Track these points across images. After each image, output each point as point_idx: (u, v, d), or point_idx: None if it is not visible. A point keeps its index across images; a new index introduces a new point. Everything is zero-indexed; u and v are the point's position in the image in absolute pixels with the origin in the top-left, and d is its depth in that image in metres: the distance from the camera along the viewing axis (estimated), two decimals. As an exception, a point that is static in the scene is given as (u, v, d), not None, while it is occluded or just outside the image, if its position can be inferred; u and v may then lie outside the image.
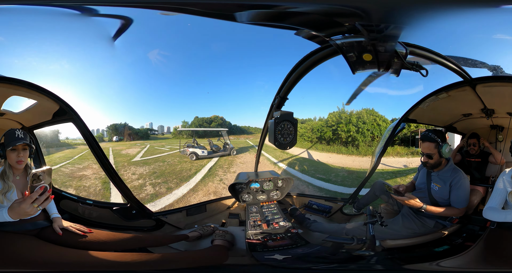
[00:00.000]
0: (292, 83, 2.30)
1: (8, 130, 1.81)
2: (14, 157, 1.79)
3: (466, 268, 1.85)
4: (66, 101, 2.20)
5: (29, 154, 1.85)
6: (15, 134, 1.80)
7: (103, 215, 2.51)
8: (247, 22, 1.95)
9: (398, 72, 2.04)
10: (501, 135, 2.44)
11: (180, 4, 1.90)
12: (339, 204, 2.82)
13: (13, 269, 1.66)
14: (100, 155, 2.40)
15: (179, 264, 1.88)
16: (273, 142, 2.22)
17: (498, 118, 2.37)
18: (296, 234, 2.20)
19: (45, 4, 1.90)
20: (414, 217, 2.22)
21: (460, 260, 1.89)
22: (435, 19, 1.82)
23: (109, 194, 2.80)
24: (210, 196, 3.19)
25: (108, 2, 2.00)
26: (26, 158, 1.84)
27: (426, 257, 2.02)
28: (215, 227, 2.40)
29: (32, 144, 1.84)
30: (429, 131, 2.15)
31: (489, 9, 1.83)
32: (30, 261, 1.67)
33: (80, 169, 2.87)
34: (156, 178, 3.26)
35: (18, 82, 2.03)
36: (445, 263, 1.90)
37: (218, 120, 3.53)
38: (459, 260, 1.89)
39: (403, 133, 2.82)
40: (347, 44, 1.92)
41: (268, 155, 3.45)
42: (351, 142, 3.23)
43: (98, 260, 1.77)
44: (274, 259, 1.93)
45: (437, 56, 2.03)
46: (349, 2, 1.78)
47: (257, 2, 1.84)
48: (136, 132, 3.39)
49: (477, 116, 2.41)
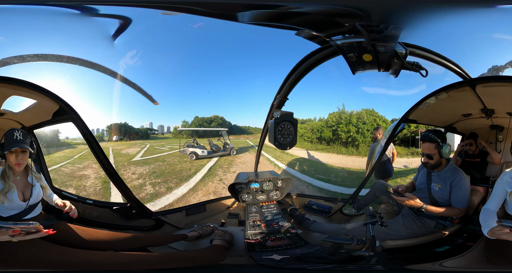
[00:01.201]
0: (292, 83, 2.30)
1: (8, 130, 1.80)
2: (13, 159, 1.78)
3: (467, 268, 1.85)
4: (66, 101, 2.20)
5: (29, 155, 1.83)
6: (13, 136, 1.76)
7: (103, 214, 2.51)
8: (248, 22, 1.95)
9: (398, 73, 2.04)
10: (501, 135, 2.44)
11: (183, 3, 1.90)
12: (339, 204, 2.82)
13: (14, 268, 1.66)
14: (100, 155, 2.40)
15: (178, 264, 1.89)
16: (273, 142, 2.22)
17: (498, 118, 2.36)
18: (296, 235, 2.20)
19: (45, 4, 1.90)
20: (415, 217, 2.21)
21: (461, 260, 1.89)
22: (435, 19, 1.82)
23: (109, 194, 2.80)
24: (210, 196, 3.19)
25: (110, 2, 2.00)
26: (25, 160, 1.82)
27: (427, 258, 2.02)
28: (214, 227, 2.40)
29: (30, 148, 1.80)
30: (429, 131, 2.15)
31: (489, 9, 1.83)
32: (30, 261, 1.67)
33: (80, 169, 2.87)
34: (156, 178, 3.26)
35: (18, 82, 2.04)
36: (446, 264, 1.90)
37: (218, 120, 3.53)
38: (460, 261, 1.89)
39: (403, 134, 2.82)
40: (347, 45, 1.93)
41: (268, 155, 3.45)
42: (351, 143, 3.23)
43: (98, 260, 1.77)
44: (272, 259, 1.93)
45: (437, 56, 2.03)
46: (350, 2, 1.78)
47: (259, 2, 1.84)
48: (136, 132, 3.39)
49: (477, 116, 2.41)
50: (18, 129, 1.81)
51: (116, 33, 2.13)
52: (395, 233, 2.21)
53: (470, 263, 1.86)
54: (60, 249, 1.77)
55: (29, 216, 1.84)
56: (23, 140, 1.78)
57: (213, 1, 1.86)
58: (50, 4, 1.90)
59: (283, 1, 1.83)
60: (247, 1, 1.86)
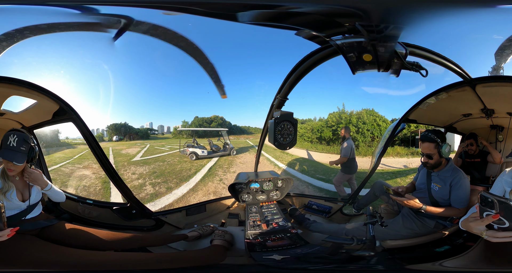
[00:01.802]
0: (292, 83, 2.30)
1: (7, 131, 1.76)
2: (5, 165, 1.71)
3: (467, 268, 1.84)
4: (66, 101, 2.20)
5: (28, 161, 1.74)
6: (7, 141, 1.65)
7: (103, 214, 2.51)
8: (248, 22, 1.95)
9: (398, 73, 2.04)
10: (501, 135, 2.44)
11: (183, 4, 1.90)
12: (339, 204, 2.82)
13: (13, 268, 1.65)
14: (100, 155, 2.40)
15: (178, 264, 1.89)
16: (273, 142, 2.22)
17: (498, 118, 2.37)
18: (296, 235, 2.20)
19: (46, 4, 1.90)
20: (415, 217, 2.21)
21: (461, 260, 1.88)
22: (435, 19, 1.82)
23: (109, 194, 2.80)
24: (210, 196, 3.19)
25: (110, 2, 2.00)
26: (18, 168, 1.72)
27: (427, 258, 2.01)
28: (214, 227, 2.40)
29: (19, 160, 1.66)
30: (429, 131, 2.15)
31: (488, 9, 1.83)
32: (30, 261, 1.67)
33: (80, 169, 2.87)
34: (156, 178, 3.26)
35: (18, 82, 2.03)
36: (446, 263, 1.89)
37: (218, 120, 3.53)
38: (460, 260, 1.88)
39: (403, 134, 2.82)
40: (347, 45, 1.92)
41: (268, 155, 3.45)
42: (351, 142, 3.24)
43: (98, 260, 1.77)
44: (272, 259, 1.93)
45: (437, 56, 2.03)
46: (349, 2, 1.78)
47: (259, 2, 1.84)
48: (136, 132, 3.39)
49: (477, 116, 2.41)
50: (16, 133, 1.72)
51: (117, 33, 2.13)
52: (395, 233, 2.21)
53: (470, 263, 1.85)
54: (59, 249, 1.76)
55: (28, 216, 1.84)
56: (17, 147, 1.67)
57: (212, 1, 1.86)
58: (50, 4, 1.90)
59: (284, 1, 1.83)
60: (246, 1, 1.86)
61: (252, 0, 1.85)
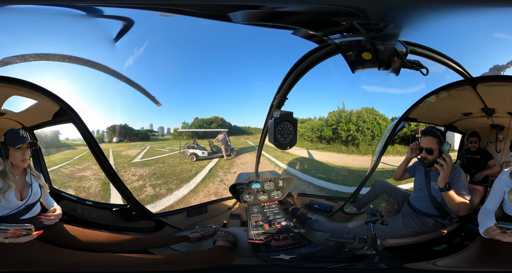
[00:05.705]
0: (292, 82, 2.30)
1: (8, 129, 1.80)
2: (19, 155, 1.78)
3: (463, 267, 1.84)
4: (66, 102, 2.20)
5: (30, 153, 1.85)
6: (19, 133, 1.80)
7: (102, 216, 2.49)
8: (243, 23, 1.94)
9: (398, 71, 2.04)
10: (501, 135, 2.45)
11: (176, 5, 1.90)
12: (340, 203, 2.82)
13: (13, 269, 1.64)
14: (100, 156, 2.39)
15: (183, 266, 1.86)
16: (273, 142, 2.21)
17: (499, 118, 2.37)
18: (299, 234, 2.20)
19: (46, 4, 1.90)
20: (414, 216, 2.21)
21: (458, 259, 1.87)
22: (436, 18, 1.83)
23: (108, 195, 2.79)
24: (211, 197, 3.18)
25: (109, 3, 2.00)
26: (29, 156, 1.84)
27: (425, 256, 2.01)
28: (216, 228, 2.38)
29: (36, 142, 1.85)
30: (432, 127, 2.14)
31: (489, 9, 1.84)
32: (30, 262, 1.65)
33: (80, 170, 2.86)
34: (156, 179, 3.25)
35: (19, 82, 2.03)
36: (443, 262, 1.88)
37: (218, 121, 3.53)
38: (457, 259, 1.87)
39: (403, 132, 2.83)
40: (346, 43, 1.92)
41: (268, 155, 3.45)
42: (351, 141, 3.23)
43: (98, 262, 1.75)
44: (281, 259, 1.91)
45: (437, 54, 2.03)
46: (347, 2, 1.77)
47: (252, 2, 1.84)
48: (136, 134, 3.39)
49: (477, 115, 2.42)
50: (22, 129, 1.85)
51: (118, 35, 2.13)
52: (396, 231, 2.20)
53: (463, 262, 1.84)
54: (58, 250, 1.74)
55: (26, 216, 1.81)
56: (27, 137, 1.83)
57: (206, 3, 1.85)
58: (50, 4, 1.90)
59: (279, 1, 1.82)
60: (243, 1, 1.85)
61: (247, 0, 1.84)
